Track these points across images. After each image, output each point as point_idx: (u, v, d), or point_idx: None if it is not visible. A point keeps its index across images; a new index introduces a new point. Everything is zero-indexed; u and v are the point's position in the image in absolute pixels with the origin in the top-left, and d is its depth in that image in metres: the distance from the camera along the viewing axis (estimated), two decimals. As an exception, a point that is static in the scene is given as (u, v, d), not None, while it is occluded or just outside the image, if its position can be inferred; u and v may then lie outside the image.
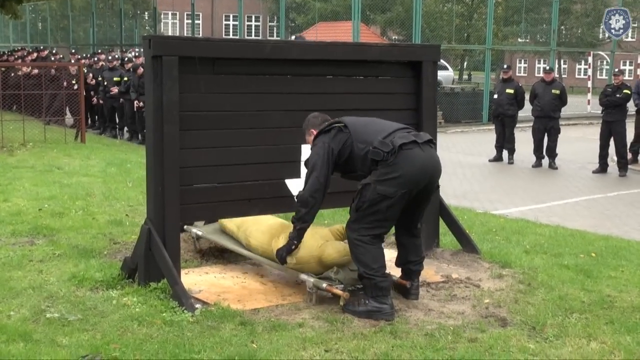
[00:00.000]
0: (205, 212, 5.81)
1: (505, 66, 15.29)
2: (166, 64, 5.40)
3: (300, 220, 5.17)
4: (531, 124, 14.62)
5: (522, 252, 6.81)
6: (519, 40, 36.99)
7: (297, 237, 5.23)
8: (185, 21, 49.09)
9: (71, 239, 6.81)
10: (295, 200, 5.31)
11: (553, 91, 13.89)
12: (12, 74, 19.37)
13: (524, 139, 15.53)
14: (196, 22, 31.20)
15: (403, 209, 5.12)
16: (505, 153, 14.56)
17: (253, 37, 47.78)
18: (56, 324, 4.75)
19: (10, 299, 5.18)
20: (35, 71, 17.44)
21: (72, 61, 18.55)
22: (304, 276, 5.37)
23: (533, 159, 14.15)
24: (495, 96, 14.81)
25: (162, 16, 43.12)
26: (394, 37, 38.22)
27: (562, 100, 13.96)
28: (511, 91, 14.34)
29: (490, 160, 14.59)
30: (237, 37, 36.30)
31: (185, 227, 6.62)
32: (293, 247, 5.26)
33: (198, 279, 5.72)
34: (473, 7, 40.35)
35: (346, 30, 26.84)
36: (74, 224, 7.35)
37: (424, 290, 5.60)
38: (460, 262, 6.34)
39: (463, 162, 14.23)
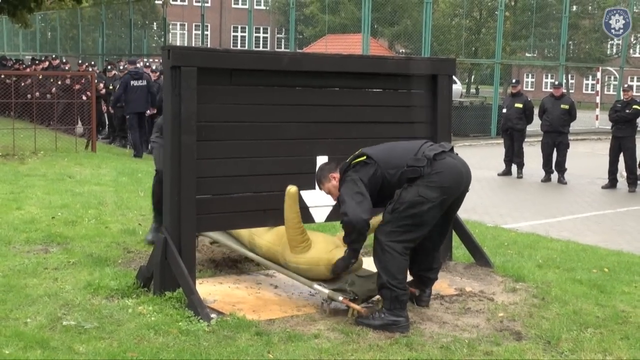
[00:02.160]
0: (221, 222, 5.83)
1: (514, 80, 15.33)
2: (185, 75, 5.44)
3: (351, 243, 5.18)
4: (540, 138, 14.64)
5: (535, 266, 6.82)
6: (527, 54, 37.08)
7: (354, 256, 5.28)
8: (194, 32, 49.32)
9: (85, 247, 6.84)
10: (353, 228, 5.07)
11: (562, 106, 13.91)
12: (23, 83, 19.49)
13: (533, 153, 15.55)
14: (205, 33, 31.33)
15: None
16: (514, 167, 14.57)
17: (261, 48, 47.98)
18: (73, 331, 4.77)
19: (27, 307, 5.21)
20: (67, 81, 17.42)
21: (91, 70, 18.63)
22: (318, 287, 5.38)
23: (542, 173, 14.16)
24: (504, 110, 14.84)
25: (170, 27, 43.28)
26: (401, 50, 38.32)
27: (571, 115, 13.98)
28: (520, 105, 14.37)
29: (499, 174, 14.60)
30: (246, 48, 36.42)
31: None
32: (350, 265, 5.31)
33: (212, 289, 5.74)
34: (481, 22, 40.49)
35: (355, 42, 26.93)
36: (88, 233, 7.38)
37: (438, 303, 5.62)
38: (473, 276, 6.35)
39: (472, 175, 14.22)
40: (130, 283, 5.64)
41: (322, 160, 6.06)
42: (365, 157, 5.25)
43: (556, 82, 15.39)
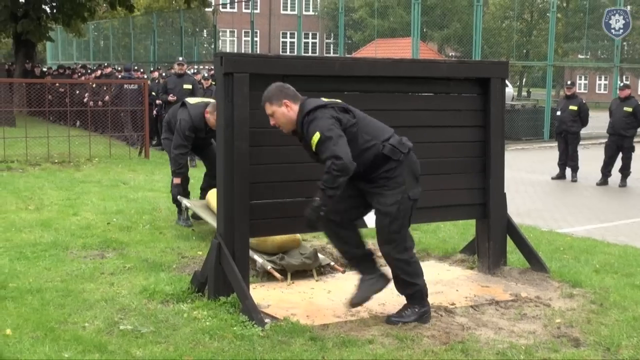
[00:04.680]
0: (274, 227, 5.85)
1: (569, 82, 15.09)
2: (237, 81, 5.48)
3: (334, 189, 4.91)
4: (594, 141, 14.38)
5: (592, 271, 6.70)
6: (580, 56, 36.50)
7: (327, 203, 4.99)
8: (243, 39, 49.76)
9: (140, 252, 6.95)
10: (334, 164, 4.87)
11: (625, 108, 13.63)
12: (77, 91, 19.87)
13: (587, 156, 15.29)
14: (254, 39, 31.59)
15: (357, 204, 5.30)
16: (568, 171, 14.35)
17: (310, 54, 48.17)
18: (130, 335, 4.84)
19: (84, 311, 5.30)
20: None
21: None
22: (254, 256, 6.14)
23: (597, 177, 13.91)
24: (559, 113, 14.62)
25: (220, 34, 43.78)
26: (451, 54, 38.07)
27: (636, 118, 13.63)
28: (575, 108, 14.14)
29: (553, 178, 14.39)
30: (295, 54, 36.62)
31: (178, 197, 7.95)
32: (322, 212, 5.03)
33: (266, 294, 5.77)
34: (532, 24, 40.00)
35: (404, 46, 26.85)
36: (142, 238, 7.49)
37: (493, 308, 5.56)
38: (528, 281, 6.26)
39: (525, 179, 14.06)
40: (185, 288, 5.70)
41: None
42: (344, 106, 5.20)
43: (621, 84, 15.01)
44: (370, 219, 6.03)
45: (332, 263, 6.44)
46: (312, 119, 5.03)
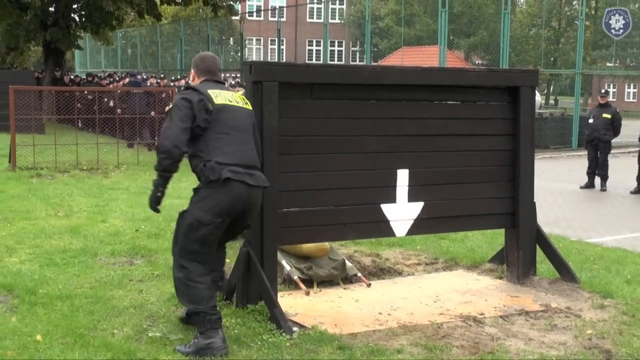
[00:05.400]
0: (302, 235, 5.86)
1: (602, 91, 14.97)
2: (266, 90, 5.50)
3: (161, 171, 4.84)
4: (623, 150, 14.23)
5: (623, 282, 6.62)
6: (608, 64, 36.16)
7: (162, 184, 4.91)
8: (270, 46, 49.96)
9: (168, 259, 6.94)
10: (160, 145, 4.87)
11: None
12: (106, 99, 20.05)
13: (616, 165, 15.13)
14: (281, 47, 31.72)
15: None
16: (597, 180, 14.21)
17: (336, 61, 48.25)
18: (158, 343, 4.86)
19: (114, 317, 5.33)
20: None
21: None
22: (284, 262, 6.14)
23: (626, 186, 13.76)
24: (591, 121, 14.49)
25: (246, 42, 43.99)
26: (478, 62, 37.92)
27: None
28: (608, 116, 14.02)
29: (581, 187, 14.25)
30: (321, 62, 36.69)
31: None
32: (159, 194, 4.95)
33: (294, 302, 5.77)
34: (560, 31, 39.73)
35: (430, 54, 26.81)
36: (170, 245, 7.48)
37: (523, 319, 5.51)
38: (558, 291, 6.20)
39: (553, 188, 13.95)
40: (213, 295, 5.71)
41: (402, 173, 6.04)
42: (208, 99, 4.86)
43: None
44: (398, 228, 6.03)
45: (359, 274, 6.42)
46: (178, 97, 4.92)
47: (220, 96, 4.97)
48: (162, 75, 21.66)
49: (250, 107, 5.17)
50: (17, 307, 5.52)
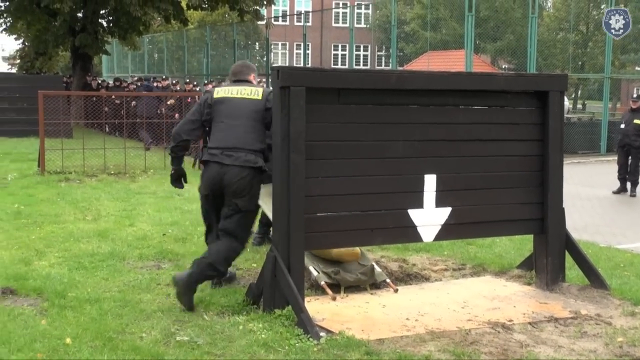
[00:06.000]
0: (329, 240, 5.85)
1: (634, 96, 14.82)
2: (294, 95, 5.51)
3: (172, 152, 6.15)
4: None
5: (655, 289, 6.54)
6: (637, 68, 35.83)
7: (173, 162, 6.26)
8: (295, 51, 50.09)
9: (196, 264, 7.00)
10: None
11: None
12: (133, 103, 20.21)
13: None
14: (306, 52, 31.79)
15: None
16: (628, 185, 14.07)
17: (361, 66, 48.26)
18: (186, 347, 4.88)
19: (142, 321, 5.36)
20: (172, 101, 18.09)
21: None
22: (311, 268, 6.14)
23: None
24: (622, 126, 14.36)
25: (272, 46, 44.15)
26: (504, 66, 37.74)
27: None
28: (639, 122, 13.88)
29: (614, 192, 14.10)
30: (346, 66, 36.68)
31: None
32: (172, 171, 6.30)
33: (320, 307, 5.77)
34: (588, 35, 39.42)
35: (457, 59, 26.73)
36: (197, 250, 7.53)
37: (552, 325, 5.47)
38: (588, 298, 6.14)
39: (582, 194, 13.83)
40: (240, 300, 5.74)
41: (430, 178, 6.03)
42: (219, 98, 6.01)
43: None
44: (426, 233, 6.01)
45: (388, 280, 6.40)
46: None
47: (222, 91, 6.02)
48: (187, 80, 21.77)
49: (259, 98, 5.97)
50: (46, 310, 5.58)
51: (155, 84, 21.76)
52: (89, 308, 5.62)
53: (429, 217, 6.01)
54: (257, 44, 41.93)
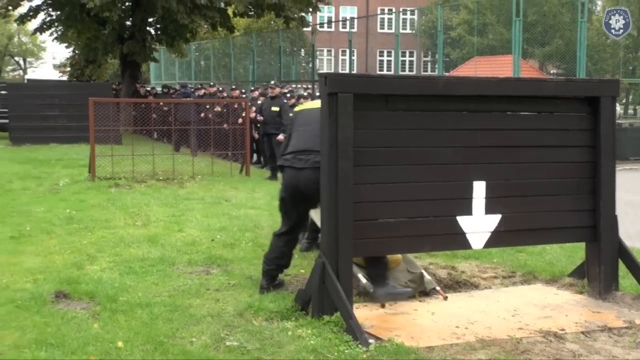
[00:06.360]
0: (377, 246, 5.84)
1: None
2: (341, 101, 5.53)
3: None
4: None
5: None
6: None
7: None
8: (340, 57, 50.15)
9: (244, 269, 7.06)
10: None
11: None
12: (165, 108, 20.41)
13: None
14: (351, 58, 31.81)
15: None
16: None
17: (407, 72, 48.11)
18: (236, 352, 4.92)
19: (192, 326, 5.42)
20: (218, 108, 18.28)
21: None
22: (359, 275, 6.02)
23: None
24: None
25: (317, 53, 44.31)
26: (552, 71, 37.27)
27: None
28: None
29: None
30: (392, 72, 36.63)
31: None
32: None
33: (369, 314, 5.76)
34: (639, 39, 38.74)
35: (504, 64, 26.47)
36: (246, 255, 7.61)
37: (606, 335, 5.37)
38: (642, 307, 6.03)
39: (634, 201, 13.57)
40: (289, 306, 5.76)
41: (479, 185, 5.99)
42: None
43: None
44: (475, 240, 5.97)
45: (437, 288, 6.35)
46: None
47: (302, 105, 6.71)
48: (233, 87, 21.90)
49: None
50: (99, 314, 5.68)
51: (196, 92, 22.00)
52: (140, 312, 5.70)
53: (478, 224, 5.97)
54: (302, 50, 42.05)
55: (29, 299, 6.01)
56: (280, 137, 16.23)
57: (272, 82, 17.68)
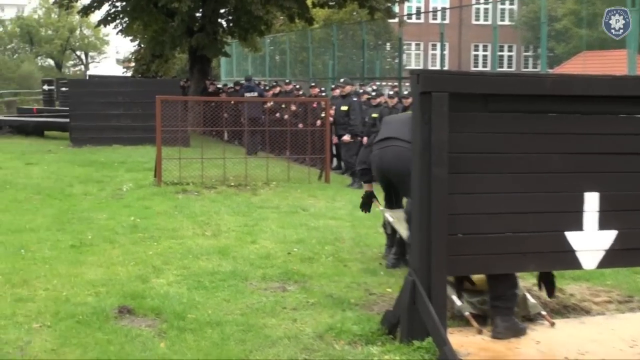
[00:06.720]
0: (475, 264, 5.76)
1: None
2: (436, 101, 5.48)
3: None
4: None
5: None
6: None
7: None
8: (430, 52, 49.89)
9: (324, 286, 7.07)
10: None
11: None
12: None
13: None
14: (443, 52, 31.59)
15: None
16: None
17: (505, 68, 47.54)
18: (315, 378, 4.93)
19: (267, 348, 5.46)
20: (293, 107, 18.43)
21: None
22: (453, 297, 6.15)
23: None
24: None
25: (404, 47, 44.20)
26: (673, 67, 36.15)
27: None
28: None
29: None
30: (488, 68, 36.24)
31: (380, 208, 8.43)
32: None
33: (464, 340, 5.69)
34: None
35: (617, 60, 25.86)
36: (326, 271, 7.63)
37: None
38: None
39: None
40: (375, 328, 5.73)
41: (591, 197, 5.84)
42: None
43: None
44: (587, 259, 5.82)
45: (543, 312, 6.22)
46: None
47: None
48: (312, 84, 21.98)
49: None
50: (165, 333, 5.77)
51: (269, 90, 22.27)
52: (210, 332, 5.77)
53: (590, 241, 5.81)
54: (388, 44, 42.01)
55: (90, 314, 6.16)
56: (346, 137, 16.34)
57: (342, 79, 17.71)
